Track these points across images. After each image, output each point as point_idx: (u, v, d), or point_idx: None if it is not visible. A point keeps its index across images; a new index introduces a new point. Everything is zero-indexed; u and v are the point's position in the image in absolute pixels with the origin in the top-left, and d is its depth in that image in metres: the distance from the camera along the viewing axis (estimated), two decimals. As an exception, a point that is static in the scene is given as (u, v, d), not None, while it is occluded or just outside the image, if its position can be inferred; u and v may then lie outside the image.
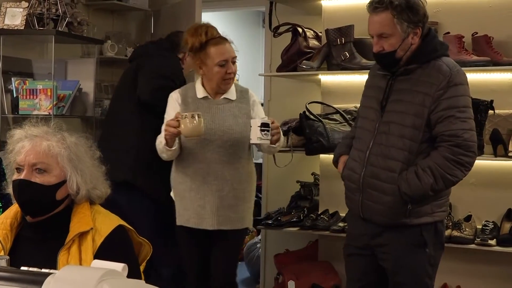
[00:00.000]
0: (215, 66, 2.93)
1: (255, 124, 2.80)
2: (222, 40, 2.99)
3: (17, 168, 1.89)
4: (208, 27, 2.99)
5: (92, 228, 1.85)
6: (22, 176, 1.85)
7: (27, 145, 1.87)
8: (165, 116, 3.00)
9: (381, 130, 2.53)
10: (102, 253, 1.77)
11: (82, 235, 1.84)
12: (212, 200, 2.92)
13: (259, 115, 3.03)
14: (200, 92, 3.01)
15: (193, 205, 2.95)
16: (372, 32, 2.52)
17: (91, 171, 1.94)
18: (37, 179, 1.85)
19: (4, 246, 1.85)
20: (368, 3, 2.51)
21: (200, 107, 2.95)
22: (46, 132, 1.92)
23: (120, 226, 1.91)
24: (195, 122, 2.72)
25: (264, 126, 2.78)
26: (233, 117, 2.98)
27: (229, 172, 2.94)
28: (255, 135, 2.79)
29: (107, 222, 1.90)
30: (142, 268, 1.99)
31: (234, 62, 2.99)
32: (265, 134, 2.78)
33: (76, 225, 1.85)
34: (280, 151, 3.25)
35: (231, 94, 3.03)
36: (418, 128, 2.46)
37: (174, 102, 3.02)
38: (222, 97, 3.01)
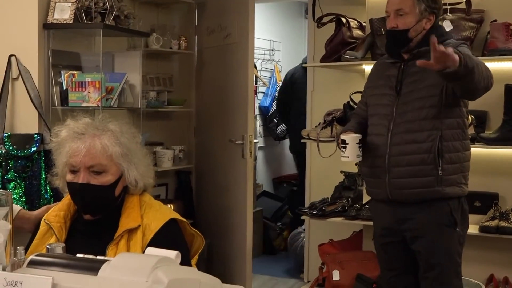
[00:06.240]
0: None
1: (353, 140, 2.63)
2: None
3: (71, 170, 1.88)
4: None
5: (140, 225, 1.84)
6: (80, 179, 1.85)
7: (81, 147, 1.84)
8: None
9: (400, 111, 2.59)
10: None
11: (131, 230, 1.84)
12: None
13: None
14: None
15: None
16: (390, 8, 2.60)
17: (142, 161, 1.94)
18: (96, 180, 1.85)
19: (60, 238, 1.88)
20: None
21: None
22: (94, 127, 1.89)
23: (171, 220, 1.88)
24: None
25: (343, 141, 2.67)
26: None
27: None
28: (354, 153, 2.63)
29: (158, 216, 1.88)
30: (194, 261, 1.96)
31: None
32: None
33: (125, 221, 1.86)
34: (324, 141, 3.25)
35: None
36: (436, 95, 2.52)
37: None
38: None
